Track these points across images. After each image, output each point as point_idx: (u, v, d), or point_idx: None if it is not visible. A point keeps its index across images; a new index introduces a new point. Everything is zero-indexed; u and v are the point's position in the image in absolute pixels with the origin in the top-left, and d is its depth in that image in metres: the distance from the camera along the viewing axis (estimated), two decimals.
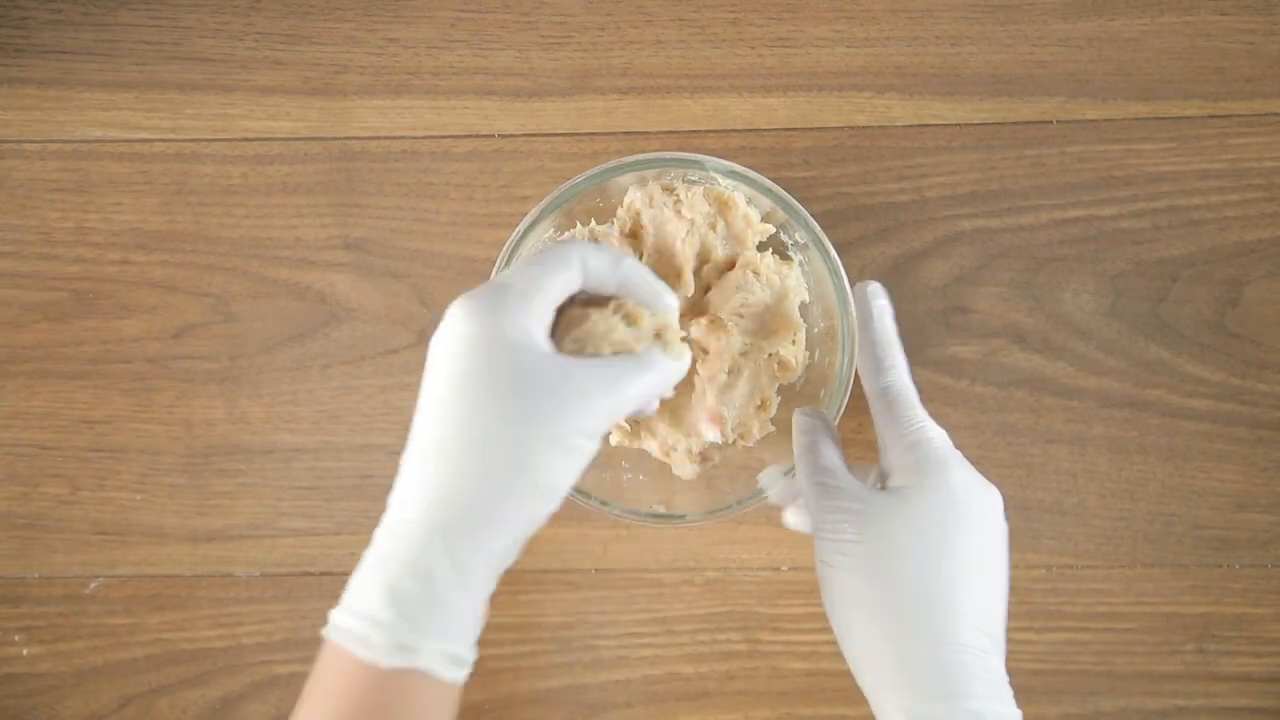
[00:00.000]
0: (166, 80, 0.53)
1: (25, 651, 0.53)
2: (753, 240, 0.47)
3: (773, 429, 0.47)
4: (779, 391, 0.47)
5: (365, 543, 0.52)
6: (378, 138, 0.53)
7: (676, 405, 0.46)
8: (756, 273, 0.46)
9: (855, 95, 0.52)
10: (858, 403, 0.46)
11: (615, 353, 0.37)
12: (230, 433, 0.53)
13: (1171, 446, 0.52)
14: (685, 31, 0.52)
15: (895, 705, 0.37)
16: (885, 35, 0.52)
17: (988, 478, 0.52)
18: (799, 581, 0.52)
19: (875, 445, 0.45)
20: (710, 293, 0.47)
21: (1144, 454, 0.52)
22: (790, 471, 0.45)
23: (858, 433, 0.52)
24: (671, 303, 0.39)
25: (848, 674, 0.41)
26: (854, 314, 0.45)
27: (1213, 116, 0.52)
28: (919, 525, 0.39)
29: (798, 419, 0.44)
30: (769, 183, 0.45)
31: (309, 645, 0.53)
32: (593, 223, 0.47)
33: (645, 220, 0.47)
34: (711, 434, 0.45)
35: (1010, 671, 0.52)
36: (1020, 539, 0.52)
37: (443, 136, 0.53)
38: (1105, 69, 0.52)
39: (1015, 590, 0.52)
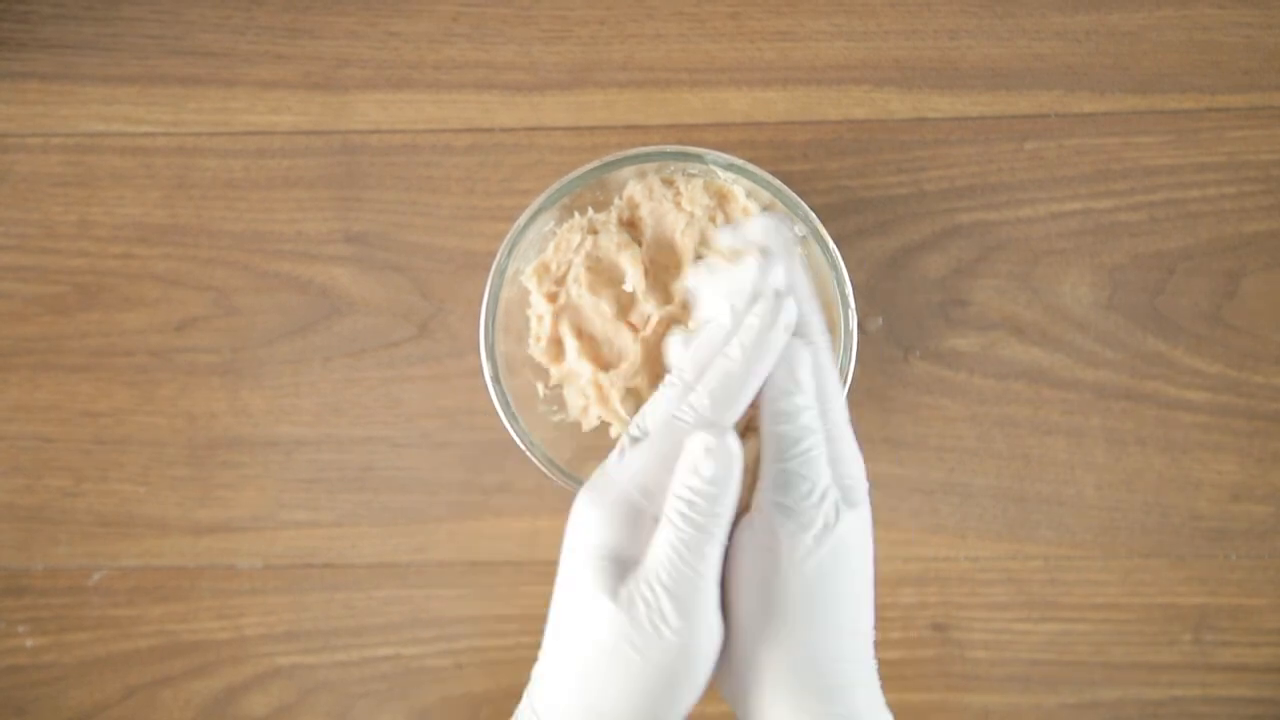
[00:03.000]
0: (168, 74, 0.53)
1: (29, 643, 0.54)
2: None
3: None
4: None
5: (366, 534, 0.53)
6: (379, 131, 0.53)
7: None
8: None
9: (854, 89, 0.52)
10: (850, 399, 0.46)
11: None
12: (232, 425, 0.53)
13: (1169, 438, 0.52)
14: (685, 25, 0.53)
15: (796, 706, 0.36)
16: (884, 29, 0.52)
17: (986, 470, 0.53)
18: None
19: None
20: None
21: (1141, 445, 0.52)
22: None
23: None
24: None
25: None
26: (854, 309, 0.45)
27: (1210, 110, 0.52)
28: (862, 539, 0.38)
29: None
30: (768, 176, 0.45)
31: (311, 636, 0.53)
32: (590, 211, 0.47)
33: (644, 213, 0.47)
34: None
35: (1008, 662, 0.53)
36: (1017, 530, 0.52)
37: (444, 130, 0.53)
38: (1103, 62, 0.52)
39: (1014, 580, 0.53)
